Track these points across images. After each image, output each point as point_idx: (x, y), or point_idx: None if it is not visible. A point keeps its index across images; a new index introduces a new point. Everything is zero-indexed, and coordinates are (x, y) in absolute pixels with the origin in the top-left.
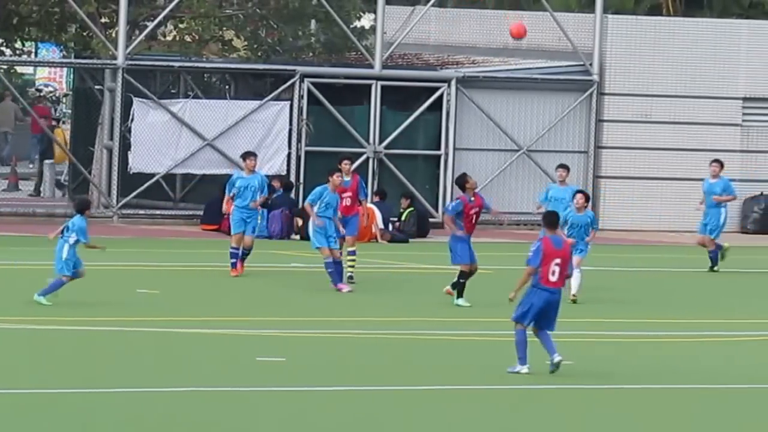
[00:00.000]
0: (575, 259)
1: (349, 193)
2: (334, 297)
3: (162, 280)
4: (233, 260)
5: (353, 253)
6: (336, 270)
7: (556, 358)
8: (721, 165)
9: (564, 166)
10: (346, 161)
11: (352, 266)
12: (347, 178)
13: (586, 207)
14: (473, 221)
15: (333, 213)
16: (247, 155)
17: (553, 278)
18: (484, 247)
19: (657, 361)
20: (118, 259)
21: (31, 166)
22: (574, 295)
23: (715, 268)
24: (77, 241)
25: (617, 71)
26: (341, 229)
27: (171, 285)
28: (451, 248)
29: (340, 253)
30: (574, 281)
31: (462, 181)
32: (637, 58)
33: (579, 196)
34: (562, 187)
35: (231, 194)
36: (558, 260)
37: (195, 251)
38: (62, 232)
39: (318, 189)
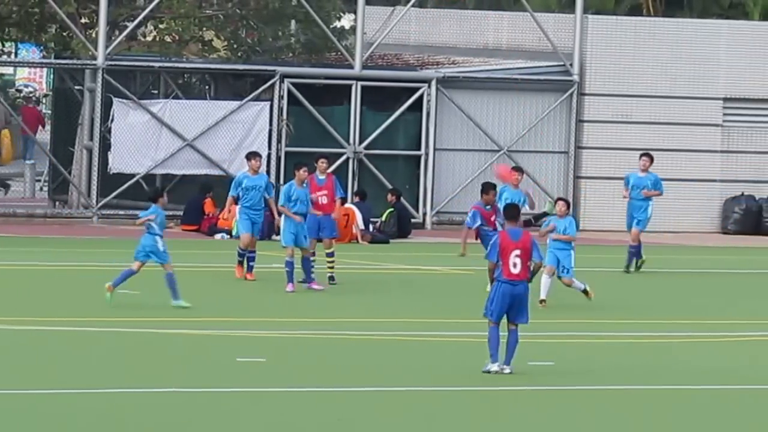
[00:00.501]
0: (563, 280)
1: (324, 191)
2: (314, 298)
3: (142, 281)
4: (240, 258)
5: (331, 254)
6: (295, 269)
7: (506, 370)
8: (651, 159)
9: (518, 169)
10: (322, 160)
11: (332, 267)
12: (322, 177)
13: (567, 213)
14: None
15: (305, 207)
16: (252, 155)
17: (514, 270)
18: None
19: (638, 362)
20: (98, 259)
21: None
22: (542, 300)
23: (631, 269)
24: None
25: (597, 71)
26: (313, 211)
27: (151, 285)
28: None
29: (313, 253)
30: (544, 288)
31: (486, 190)
32: (617, 58)
33: (561, 203)
34: (514, 190)
35: (236, 194)
36: (517, 252)
37: (175, 251)
38: (148, 228)
39: (284, 189)
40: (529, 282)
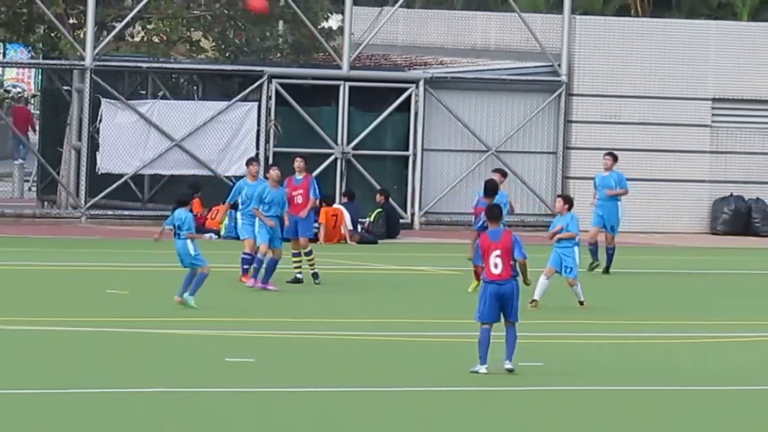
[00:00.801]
0: (568, 280)
1: (300, 191)
2: (303, 298)
3: (131, 281)
4: (246, 266)
5: (309, 253)
6: (267, 267)
7: (507, 365)
8: (615, 158)
9: (501, 172)
10: (298, 159)
11: (312, 265)
12: (300, 177)
13: (567, 209)
14: None
15: (280, 209)
16: (251, 161)
17: (496, 271)
18: (451, 248)
19: (628, 363)
20: (87, 259)
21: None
22: (534, 300)
23: (611, 271)
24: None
25: (585, 72)
26: (287, 216)
27: (140, 285)
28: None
29: (300, 253)
30: (539, 289)
31: (492, 192)
32: (605, 58)
33: (559, 200)
34: (500, 192)
35: (233, 201)
36: (497, 252)
37: (163, 252)
38: (176, 233)
39: (258, 190)
40: (528, 284)
